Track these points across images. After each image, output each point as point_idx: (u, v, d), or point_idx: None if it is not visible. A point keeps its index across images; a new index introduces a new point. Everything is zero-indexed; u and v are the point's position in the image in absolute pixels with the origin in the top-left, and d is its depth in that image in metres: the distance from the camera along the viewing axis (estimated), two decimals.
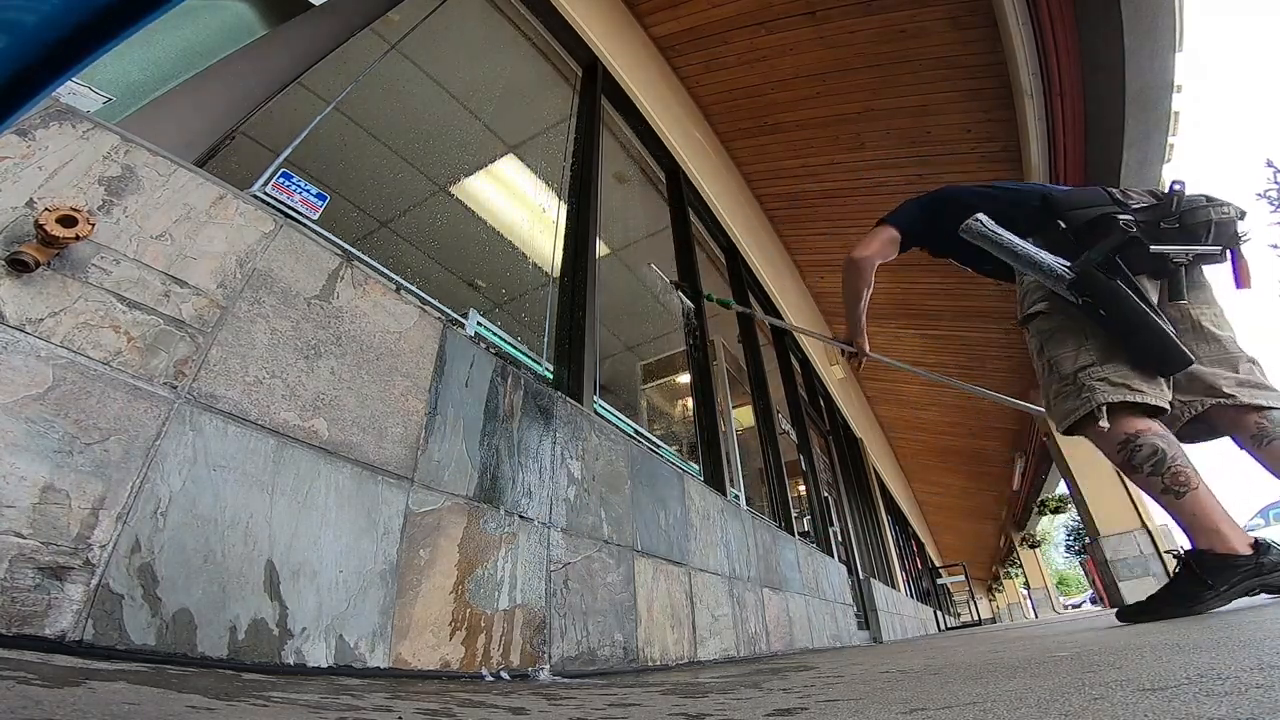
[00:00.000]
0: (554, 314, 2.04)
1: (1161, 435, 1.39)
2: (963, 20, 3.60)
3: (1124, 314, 1.40)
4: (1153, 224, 1.47)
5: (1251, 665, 0.51)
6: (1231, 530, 1.31)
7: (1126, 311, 1.40)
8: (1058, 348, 1.56)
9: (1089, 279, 1.43)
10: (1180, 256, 1.44)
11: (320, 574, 0.85)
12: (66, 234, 0.70)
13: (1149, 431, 1.40)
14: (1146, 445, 1.39)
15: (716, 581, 2.14)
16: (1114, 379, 1.45)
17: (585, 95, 2.87)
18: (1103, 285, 1.42)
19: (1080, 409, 1.48)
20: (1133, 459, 1.41)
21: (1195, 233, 1.45)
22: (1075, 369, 1.51)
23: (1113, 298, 1.41)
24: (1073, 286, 1.44)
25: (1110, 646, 0.90)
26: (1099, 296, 1.42)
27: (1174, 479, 1.36)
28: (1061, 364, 1.54)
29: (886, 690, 0.72)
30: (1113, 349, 1.46)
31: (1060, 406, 1.55)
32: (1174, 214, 1.46)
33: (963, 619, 15.16)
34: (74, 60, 0.22)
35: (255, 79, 1.19)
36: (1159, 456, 1.37)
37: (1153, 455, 1.39)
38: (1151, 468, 1.38)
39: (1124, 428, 1.43)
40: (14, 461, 0.61)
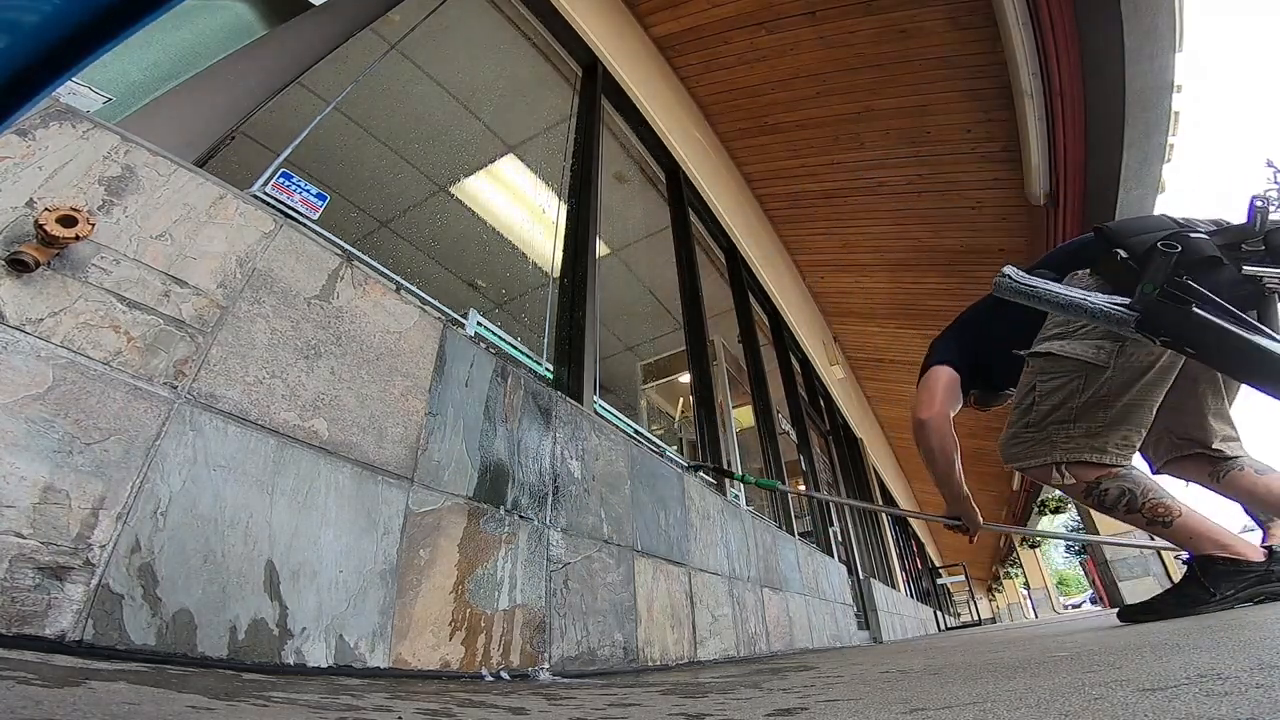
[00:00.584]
0: (554, 314, 2.04)
1: (1124, 475, 1.39)
2: (962, 20, 3.60)
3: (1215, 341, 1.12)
4: (1233, 245, 1.26)
5: (1251, 665, 0.51)
6: (1235, 541, 1.30)
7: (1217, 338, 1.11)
8: (1048, 394, 1.50)
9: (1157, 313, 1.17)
10: (1275, 280, 1.22)
11: (320, 574, 0.85)
12: (66, 234, 0.70)
13: (1109, 475, 1.40)
14: (1112, 489, 1.40)
15: (716, 581, 2.14)
16: (1079, 437, 1.44)
17: (585, 95, 2.87)
18: (1177, 317, 1.16)
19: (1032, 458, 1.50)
20: (1103, 501, 1.41)
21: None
22: (1049, 420, 1.48)
23: (1195, 326, 1.14)
24: (1141, 327, 1.18)
25: (1110, 647, 0.90)
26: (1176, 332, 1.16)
27: (1153, 511, 1.35)
28: (1039, 410, 1.51)
29: (886, 690, 0.72)
30: (1096, 408, 1.43)
31: (1013, 448, 1.55)
32: (1258, 233, 1.24)
33: (963, 619, 15.16)
34: (74, 60, 0.22)
35: (255, 79, 1.19)
36: (1128, 497, 1.37)
37: (1121, 496, 1.38)
38: (1125, 507, 1.38)
39: (1083, 476, 1.43)
40: (14, 461, 0.61)
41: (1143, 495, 1.37)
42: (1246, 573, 1.28)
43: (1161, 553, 6.26)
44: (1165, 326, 1.18)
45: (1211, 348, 1.14)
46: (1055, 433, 1.47)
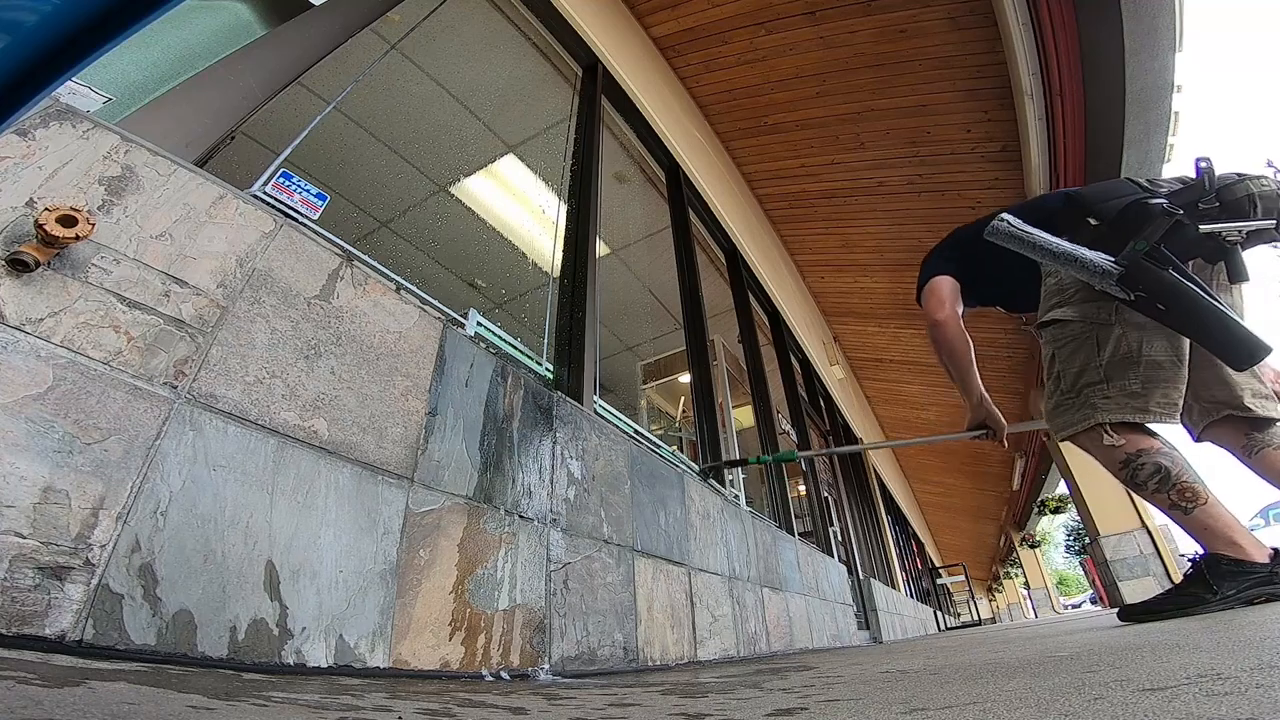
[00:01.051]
0: (554, 314, 2.04)
1: (1165, 452, 1.36)
2: (963, 20, 3.60)
3: (1185, 305, 1.27)
4: (1191, 205, 1.36)
5: (1251, 665, 0.51)
6: (1246, 540, 1.29)
7: (1188, 302, 1.27)
8: (1069, 360, 1.52)
9: (1138, 271, 1.31)
10: (1233, 234, 1.32)
11: (320, 574, 0.85)
12: (66, 234, 0.70)
13: (1151, 450, 1.37)
14: (1149, 464, 1.37)
15: (716, 581, 2.14)
16: (1117, 396, 1.41)
17: (585, 95, 2.87)
18: (1155, 277, 1.30)
19: (1078, 424, 1.46)
20: (1136, 477, 1.38)
21: (1240, 208, 1.34)
22: (1081, 383, 1.48)
23: (1170, 289, 1.28)
24: (1122, 281, 1.33)
25: (1110, 647, 0.90)
26: (1153, 290, 1.31)
27: (1180, 495, 1.33)
28: (1067, 375, 1.51)
29: (886, 690, 0.72)
30: (1123, 368, 1.42)
31: (1059, 418, 1.52)
32: (1210, 192, 1.36)
33: (963, 619, 15.16)
34: (74, 60, 0.22)
35: (255, 79, 1.19)
36: (1162, 474, 1.35)
37: (1156, 473, 1.36)
38: (1156, 484, 1.36)
39: (1126, 447, 1.40)
40: (14, 461, 0.61)
41: (1176, 476, 1.34)
42: (1250, 573, 1.27)
43: (1162, 552, 6.26)
44: (1144, 284, 1.32)
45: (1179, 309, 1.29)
46: (1092, 394, 1.45)
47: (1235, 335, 1.23)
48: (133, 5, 0.21)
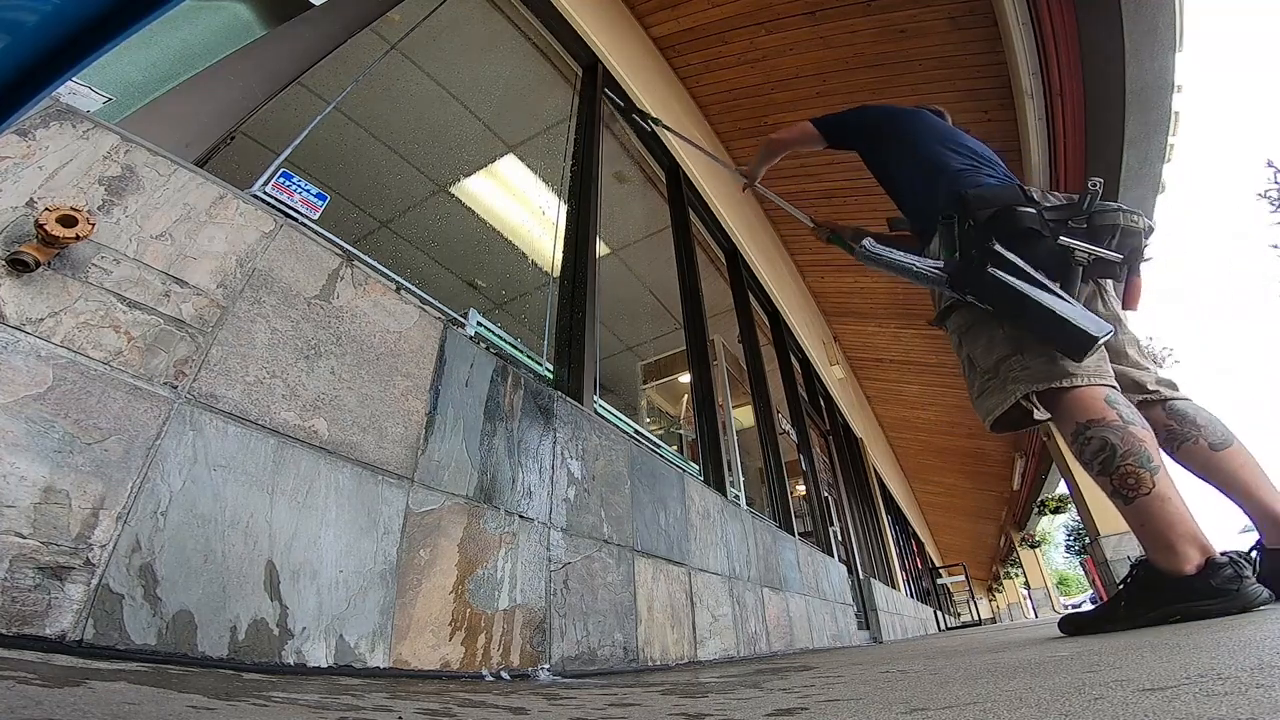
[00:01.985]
0: (554, 314, 2.04)
1: (1117, 428, 1.22)
2: (963, 20, 3.60)
3: (1007, 299, 1.30)
4: (1061, 221, 1.40)
5: (1251, 665, 0.51)
6: (1185, 545, 1.14)
7: (1010, 299, 1.30)
8: (974, 341, 1.48)
9: (961, 274, 1.38)
10: (1082, 253, 1.36)
11: (320, 574, 0.85)
12: (67, 234, 0.70)
13: (1103, 422, 1.23)
14: (1096, 439, 1.23)
15: (716, 581, 2.14)
16: (1036, 364, 1.33)
17: (585, 95, 2.87)
18: (975, 276, 1.35)
19: (1003, 404, 1.38)
20: (1082, 453, 1.26)
21: (1100, 235, 1.38)
22: (995, 360, 1.41)
23: (990, 288, 1.33)
24: (951, 284, 1.41)
25: (1110, 647, 0.90)
26: (976, 290, 1.36)
27: (1122, 481, 1.19)
28: (980, 358, 1.46)
29: (886, 690, 0.72)
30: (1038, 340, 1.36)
31: (984, 404, 1.45)
32: (1084, 212, 1.40)
33: (963, 619, 15.16)
34: (74, 60, 0.22)
35: (255, 79, 1.19)
36: (1108, 453, 1.21)
37: (1101, 451, 1.22)
38: (1100, 465, 1.22)
39: (1076, 414, 1.27)
40: (14, 461, 0.61)
41: (1122, 457, 1.19)
42: (1169, 587, 1.14)
43: None
44: (967, 285, 1.38)
45: (1002, 303, 1.34)
46: (1011, 368, 1.38)
47: (1063, 328, 1.24)
48: (133, 5, 0.21)
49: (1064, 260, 1.38)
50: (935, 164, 1.64)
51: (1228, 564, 1.11)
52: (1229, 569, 1.11)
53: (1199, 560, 1.13)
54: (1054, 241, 1.37)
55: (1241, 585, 1.09)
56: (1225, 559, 1.12)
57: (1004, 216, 1.41)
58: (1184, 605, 1.13)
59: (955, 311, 1.54)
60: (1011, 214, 1.40)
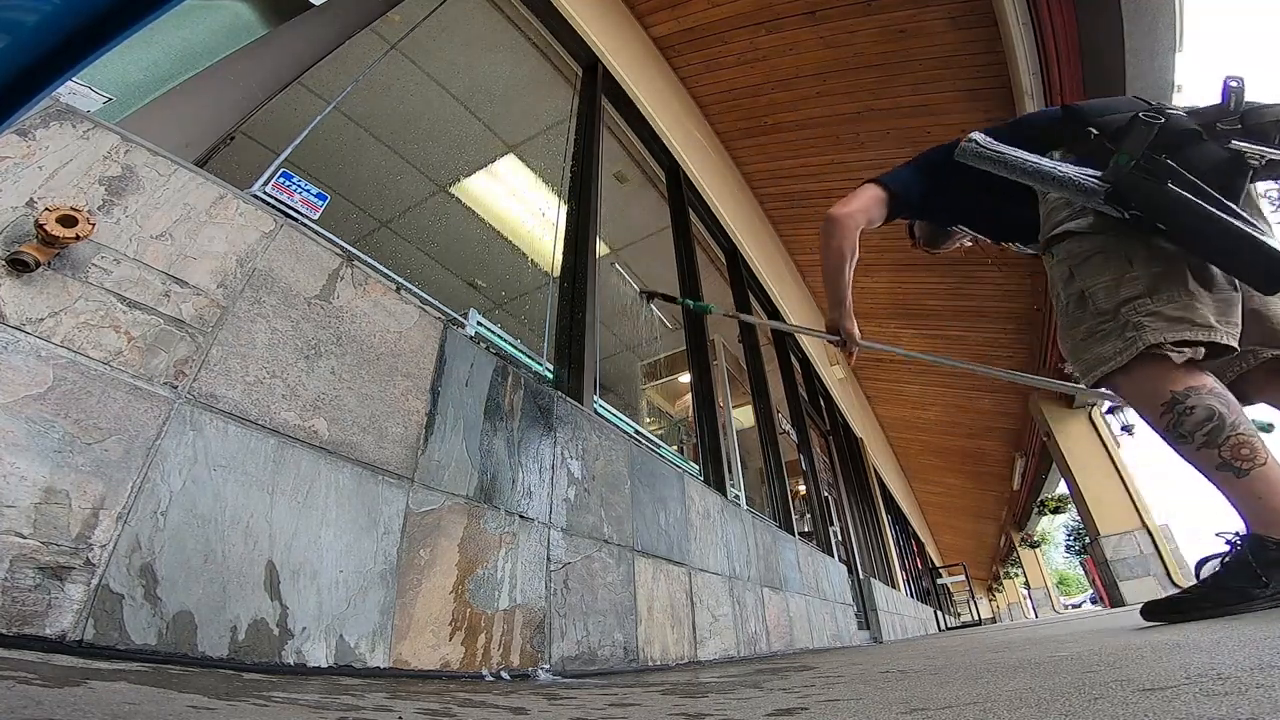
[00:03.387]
0: (554, 314, 2.04)
1: (1218, 394, 1.10)
2: (962, 20, 3.60)
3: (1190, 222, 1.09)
4: (1208, 125, 1.19)
5: (1251, 665, 0.51)
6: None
7: (1193, 219, 1.09)
8: (1095, 275, 1.25)
9: (1128, 186, 1.15)
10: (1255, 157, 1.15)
11: (320, 574, 0.85)
12: (67, 234, 0.70)
13: (1202, 389, 1.10)
14: (1200, 408, 1.09)
15: (716, 581, 2.14)
16: (1169, 312, 1.15)
17: (585, 95, 2.87)
18: (1148, 191, 1.13)
19: (1124, 352, 1.18)
20: (1180, 425, 1.11)
21: (1265, 133, 1.16)
22: (1118, 301, 1.21)
23: (1169, 205, 1.11)
24: (1111, 199, 1.16)
25: (1110, 646, 0.90)
26: (1148, 206, 1.13)
27: (1235, 452, 1.06)
28: (1098, 295, 1.24)
29: (886, 690, 0.72)
30: (1169, 277, 1.18)
31: (1094, 349, 1.24)
32: (1234, 112, 1.18)
33: (963, 619, 15.16)
34: (74, 60, 0.22)
35: (255, 79, 1.19)
36: (1215, 423, 1.07)
37: (1207, 420, 1.08)
38: (1206, 437, 1.08)
39: (1170, 384, 1.13)
40: (14, 461, 0.61)
41: (1231, 427, 1.06)
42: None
43: (1162, 552, 6.25)
44: (1137, 200, 1.15)
45: (1185, 226, 1.12)
46: (1134, 312, 1.18)
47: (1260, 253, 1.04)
48: (133, 5, 0.21)
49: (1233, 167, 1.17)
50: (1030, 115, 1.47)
51: None
52: None
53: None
54: (1219, 145, 1.17)
55: None
56: None
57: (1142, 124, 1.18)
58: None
59: (1072, 238, 1.31)
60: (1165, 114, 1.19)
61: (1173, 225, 1.13)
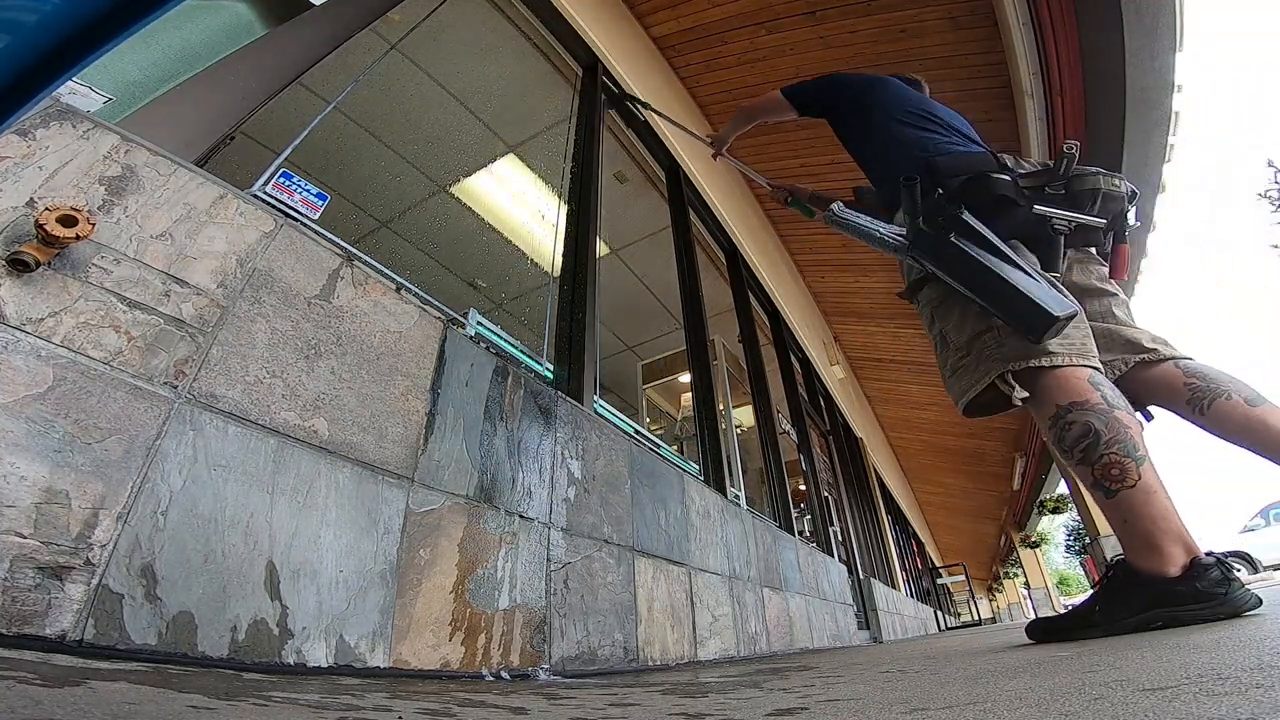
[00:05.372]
0: (554, 314, 2.04)
1: (1101, 411, 1.11)
2: (963, 20, 3.60)
3: (967, 270, 1.21)
4: (1038, 189, 1.33)
5: (1251, 665, 0.51)
6: (1169, 544, 1.04)
7: (971, 272, 1.20)
8: (947, 316, 1.36)
9: (919, 241, 1.28)
10: (1062, 223, 1.28)
11: (320, 574, 0.86)
12: (67, 234, 0.70)
13: (1084, 405, 1.12)
14: (1078, 424, 1.12)
15: (717, 581, 2.14)
16: (1012, 342, 1.22)
17: (585, 95, 2.87)
18: (935, 245, 1.25)
19: (976, 385, 1.26)
20: (1061, 440, 1.15)
21: (1080, 201, 1.31)
22: (968, 336, 1.30)
23: (949, 259, 1.23)
24: (910, 251, 1.31)
25: (1111, 646, 0.90)
26: (935, 260, 1.26)
27: (1104, 471, 1.08)
28: (953, 334, 1.35)
29: (886, 690, 0.72)
30: None
31: (958, 383, 1.33)
32: (1061, 178, 1.32)
33: (963, 619, 15.16)
34: (74, 60, 0.22)
35: (255, 79, 1.19)
36: (1090, 440, 1.09)
37: (1083, 437, 1.10)
38: (1081, 454, 1.11)
39: (1056, 397, 1.16)
40: (14, 461, 0.61)
41: (1106, 445, 1.08)
42: (1150, 589, 1.04)
43: None
44: (926, 252, 1.28)
45: (961, 273, 1.23)
46: (986, 344, 1.26)
47: (1021, 303, 1.14)
48: (133, 5, 0.21)
49: (1041, 230, 1.30)
50: (903, 132, 1.58)
51: (1214, 565, 1.02)
52: (1216, 571, 1.01)
53: (1184, 561, 1.03)
54: (1029, 210, 1.29)
55: (1229, 589, 1.00)
56: (1211, 559, 1.03)
57: (976, 184, 1.34)
58: (1167, 610, 1.03)
59: (928, 284, 1.43)
60: (984, 181, 1.33)
61: (954, 275, 1.25)
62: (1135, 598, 1.06)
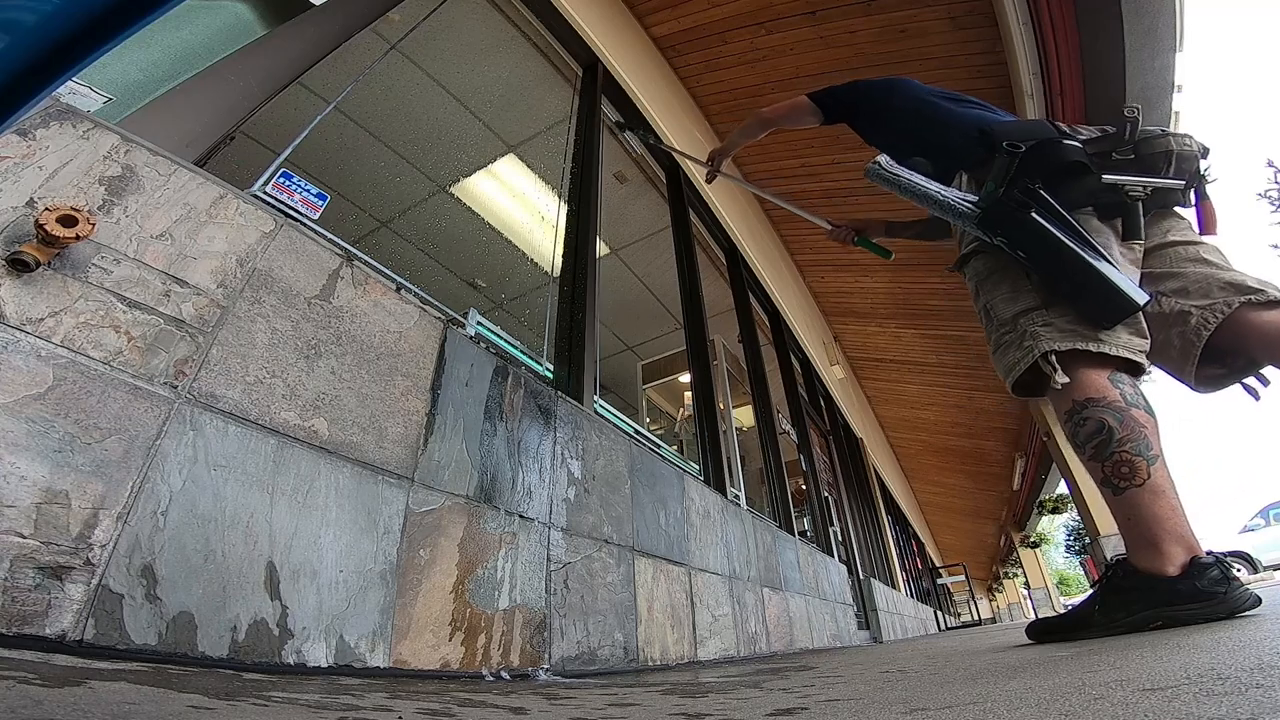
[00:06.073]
0: (554, 314, 2.04)
1: (1117, 409, 1.10)
2: (963, 20, 3.60)
3: (1046, 250, 1.16)
4: (1104, 154, 1.25)
5: (1251, 665, 0.51)
6: (1170, 544, 1.04)
7: (1049, 247, 1.15)
8: (995, 289, 1.32)
9: (997, 214, 1.20)
10: (1136, 189, 1.21)
11: (320, 574, 0.85)
12: (67, 234, 0.70)
13: (1103, 401, 1.11)
14: (1092, 420, 1.10)
15: (716, 581, 2.14)
16: (1061, 321, 1.18)
17: (585, 95, 2.87)
18: (1012, 221, 1.19)
19: (1022, 362, 1.21)
20: (1076, 435, 1.13)
21: (1153, 164, 1.23)
22: (1015, 312, 1.26)
23: (1028, 235, 1.17)
24: (981, 223, 1.23)
25: (1111, 646, 0.90)
26: (1011, 234, 1.20)
27: (1115, 469, 1.08)
28: (997, 307, 1.30)
29: (886, 690, 0.72)
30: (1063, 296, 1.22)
31: (1002, 360, 1.29)
32: (1128, 142, 1.24)
33: (963, 619, 15.16)
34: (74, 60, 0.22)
35: (255, 79, 1.19)
36: (1103, 437, 1.09)
37: (1097, 434, 1.10)
38: (1094, 450, 1.10)
39: (1074, 391, 1.14)
40: (14, 461, 0.61)
41: (1119, 443, 1.07)
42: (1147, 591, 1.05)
43: None
44: (1002, 227, 1.21)
45: (1041, 254, 1.18)
46: (1031, 322, 1.22)
47: (1102, 288, 1.11)
48: (133, 5, 0.21)
49: (1116, 197, 1.22)
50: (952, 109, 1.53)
51: (1213, 564, 1.02)
52: (1215, 570, 1.02)
53: (1183, 560, 1.04)
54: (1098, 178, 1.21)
55: (1229, 588, 1.01)
56: (1211, 559, 1.03)
57: (1044, 150, 1.24)
58: (1166, 610, 1.03)
59: (977, 257, 1.37)
60: (1053, 147, 1.24)
61: (1029, 253, 1.20)
62: (1134, 598, 1.07)
